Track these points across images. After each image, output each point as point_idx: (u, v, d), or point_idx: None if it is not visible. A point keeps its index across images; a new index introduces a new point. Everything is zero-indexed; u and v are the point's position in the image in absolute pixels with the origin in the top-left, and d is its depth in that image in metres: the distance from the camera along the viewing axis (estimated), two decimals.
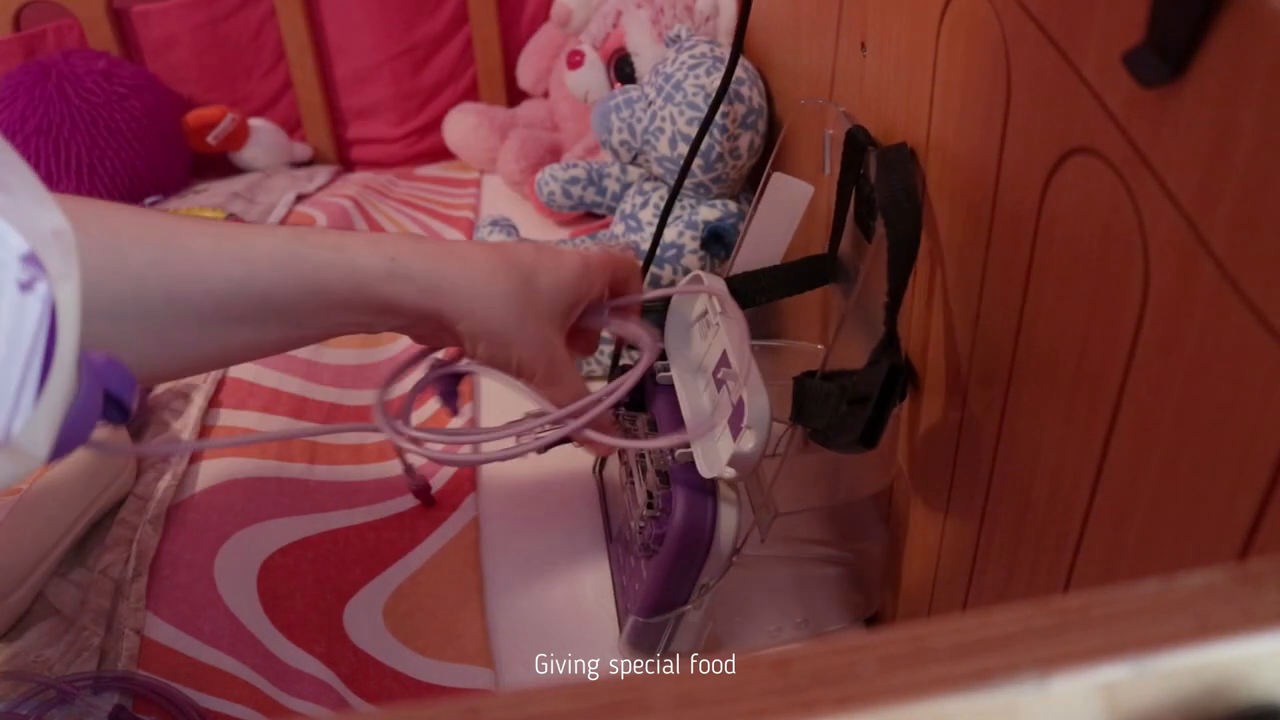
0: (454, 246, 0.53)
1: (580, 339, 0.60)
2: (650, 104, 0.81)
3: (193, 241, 0.48)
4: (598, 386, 0.55)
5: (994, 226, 0.42)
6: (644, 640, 0.59)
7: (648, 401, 0.62)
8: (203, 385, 0.77)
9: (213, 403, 0.76)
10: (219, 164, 1.19)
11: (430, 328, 0.53)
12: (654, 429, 0.61)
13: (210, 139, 1.14)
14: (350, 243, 0.50)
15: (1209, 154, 0.28)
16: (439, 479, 0.74)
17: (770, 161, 0.61)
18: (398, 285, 0.50)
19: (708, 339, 0.59)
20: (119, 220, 0.47)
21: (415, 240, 0.52)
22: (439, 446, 0.56)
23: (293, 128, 1.22)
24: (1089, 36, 0.33)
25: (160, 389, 0.77)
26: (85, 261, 0.28)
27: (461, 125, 1.14)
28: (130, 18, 1.15)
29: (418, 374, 0.59)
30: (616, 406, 0.56)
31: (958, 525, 0.50)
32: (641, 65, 0.97)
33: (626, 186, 0.94)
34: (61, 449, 0.28)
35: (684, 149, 0.80)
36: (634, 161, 0.87)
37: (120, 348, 0.39)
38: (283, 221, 1.01)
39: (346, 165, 1.24)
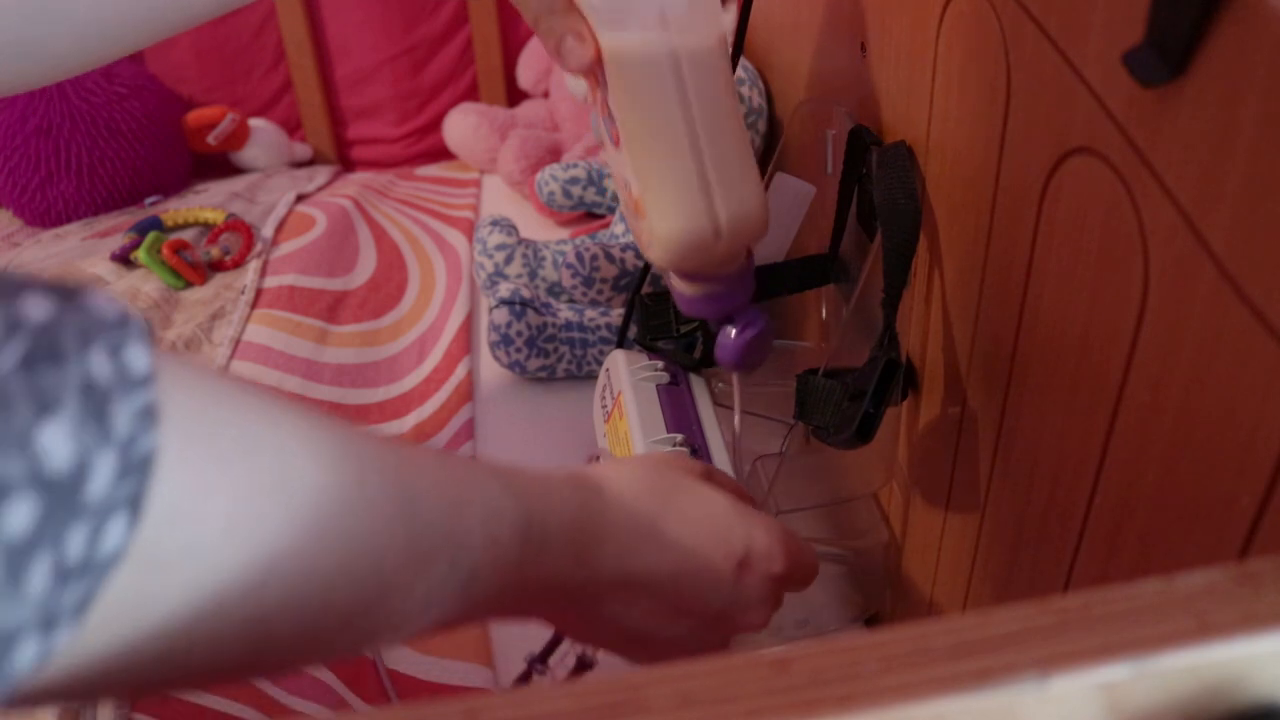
0: None
1: None
2: None
3: None
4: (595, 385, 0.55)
5: (994, 226, 0.42)
6: None
7: None
8: None
9: None
10: (219, 164, 1.19)
11: None
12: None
13: (210, 139, 1.14)
14: None
15: (1209, 154, 0.28)
16: None
17: (772, 161, 0.61)
18: None
19: None
20: None
21: None
22: None
23: (293, 128, 1.22)
24: (1089, 36, 0.33)
25: None
26: None
27: (461, 125, 1.14)
28: None
29: None
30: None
31: (958, 525, 0.50)
32: None
33: None
34: None
35: None
36: None
37: None
38: (282, 221, 1.01)
39: (346, 165, 1.24)
